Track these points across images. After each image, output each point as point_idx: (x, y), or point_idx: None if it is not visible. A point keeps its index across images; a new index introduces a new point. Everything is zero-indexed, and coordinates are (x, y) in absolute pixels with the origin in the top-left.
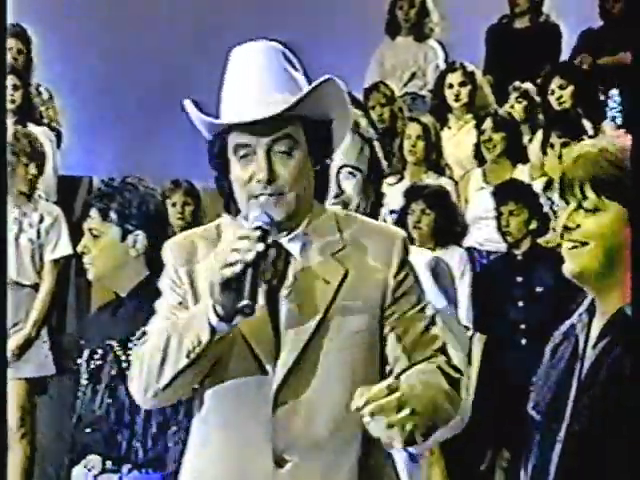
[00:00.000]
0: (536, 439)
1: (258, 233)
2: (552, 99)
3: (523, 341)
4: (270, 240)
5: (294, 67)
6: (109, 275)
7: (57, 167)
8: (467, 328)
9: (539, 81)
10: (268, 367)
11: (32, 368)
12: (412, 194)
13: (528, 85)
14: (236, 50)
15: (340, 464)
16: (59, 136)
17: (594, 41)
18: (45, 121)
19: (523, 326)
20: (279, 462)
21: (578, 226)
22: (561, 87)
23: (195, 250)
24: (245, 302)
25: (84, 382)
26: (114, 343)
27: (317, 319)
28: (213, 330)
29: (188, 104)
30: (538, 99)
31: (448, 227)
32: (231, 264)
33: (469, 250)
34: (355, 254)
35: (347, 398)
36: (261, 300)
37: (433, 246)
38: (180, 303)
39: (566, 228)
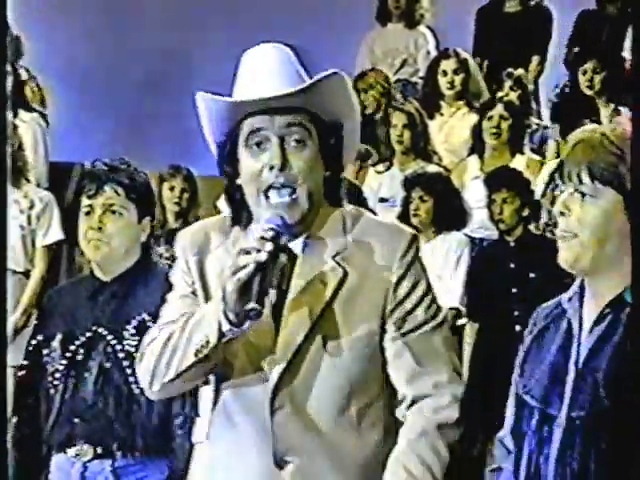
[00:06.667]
0: (532, 424)
1: (271, 233)
2: (582, 79)
3: (517, 327)
4: (282, 242)
5: (304, 69)
6: (118, 257)
7: (48, 153)
8: (460, 314)
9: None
10: (267, 371)
11: (21, 356)
12: (411, 182)
13: (521, 71)
14: (248, 52)
15: (341, 464)
16: (44, 118)
17: (592, 22)
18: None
19: (517, 312)
20: (280, 464)
21: (571, 212)
22: (595, 71)
23: (208, 241)
24: (252, 305)
25: (60, 367)
26: (103, 331)
27: (309, 323)
28: (222, 334)
29: (201, 97)
30: (531, 87)
31: (447, 213)
32: (244, 267)
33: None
34: (358, 255)
35: (344, 404)
36: (268, 304)
37: (434, 233)
38: (191, 293)
39: (561, 213)
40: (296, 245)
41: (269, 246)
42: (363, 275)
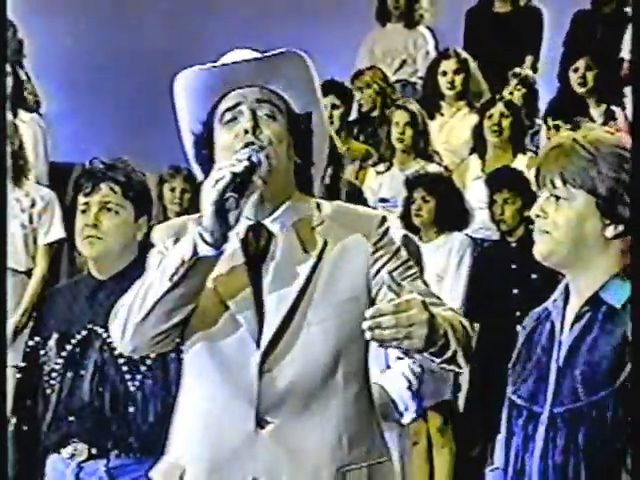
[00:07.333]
0: (519, 422)
1: (246, 155)
2: (573, 77)
3: (518, 328)
4: (256, 167)
5: None
6: (114, 254)
7: (48, 154)
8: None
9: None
10: (249, 335)
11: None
12: (413, 183)
13: (527, 71)
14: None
15: (323, 426)
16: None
17: (587, 23)
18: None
19: (518, 313)
20: (261, 423)
21: (547, 215)
22: (588, 68)
23: (185, 227)
24: (230, 194)
25: (56, 367)
26: (99, 329)
27: (297, 289)
28: (197, 253)
29: (181, 76)
30: (537, 87)
31: (449, 213)
32: (220, 179)
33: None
34: (335, 228)
35: (331, 369)
36: (242, 259)
37: (436, 233)
38: None
39: (537, 216)
40: (273, 224)
41: (245, 162)
42: (342, 244)
